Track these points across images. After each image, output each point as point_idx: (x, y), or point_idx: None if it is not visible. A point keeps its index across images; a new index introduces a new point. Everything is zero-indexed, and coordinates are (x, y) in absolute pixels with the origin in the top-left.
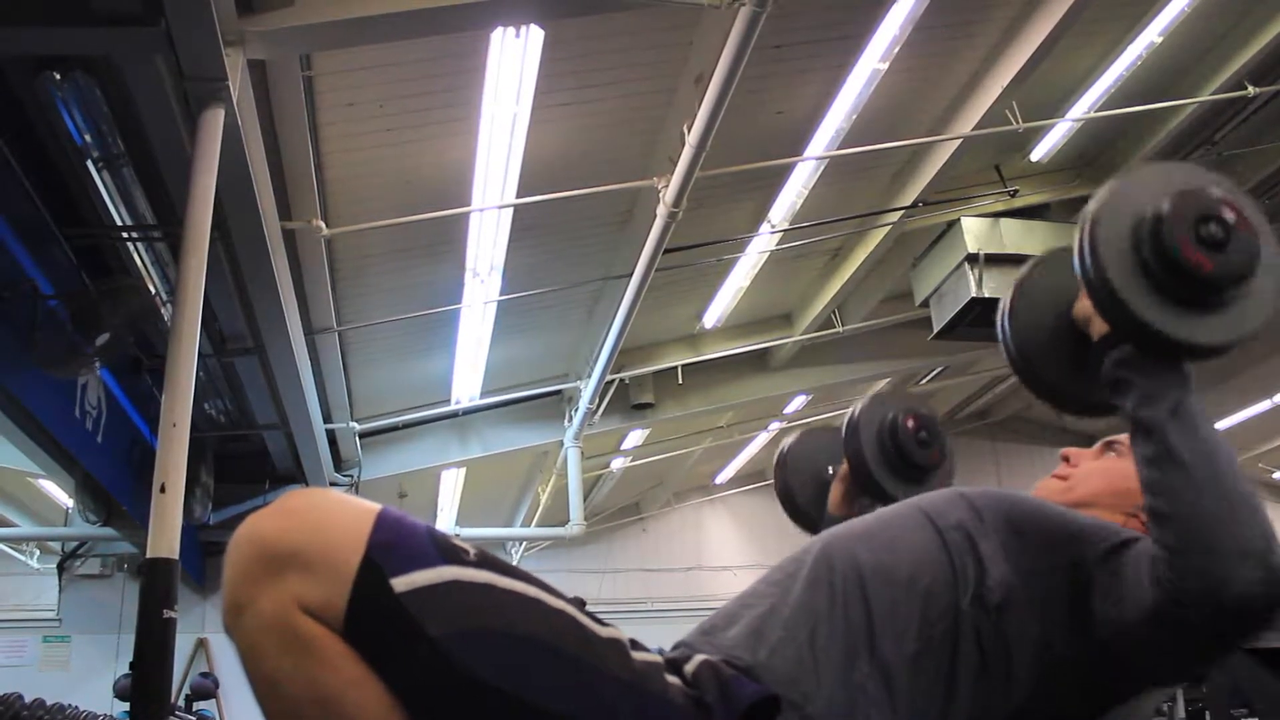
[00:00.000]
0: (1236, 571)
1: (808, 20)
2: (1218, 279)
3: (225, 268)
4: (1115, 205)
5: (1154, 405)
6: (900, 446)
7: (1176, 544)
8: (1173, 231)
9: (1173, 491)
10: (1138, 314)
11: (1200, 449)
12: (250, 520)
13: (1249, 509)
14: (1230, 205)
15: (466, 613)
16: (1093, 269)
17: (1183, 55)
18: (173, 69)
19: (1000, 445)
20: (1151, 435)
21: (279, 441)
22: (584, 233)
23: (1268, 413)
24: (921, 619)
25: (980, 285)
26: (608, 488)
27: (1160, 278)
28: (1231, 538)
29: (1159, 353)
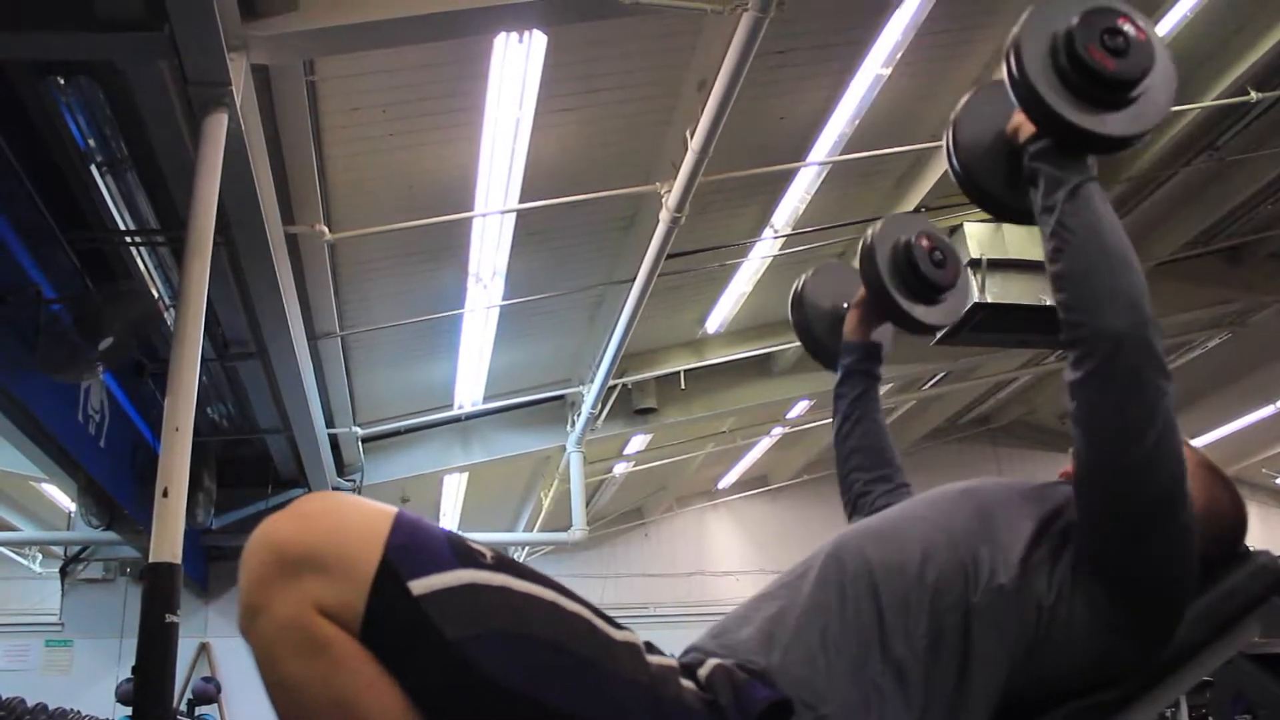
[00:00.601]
0: (1113, 312)
1: (810, 25)
2: (1119, 77)
3: (228, 272)
4: (1036, 22)
5: (1057, 189)
6: (915, 266)
7: (1067, 299)
8: (1083, 38)
9: (1065, 256)
10: (1050, 105)
11: (1089, 220)
12: (266, 524)
13: (1126, 266)
14: (1131, 21)
15: (484, 616)
16: (1017, 74)
17: (1186, 60)
18: (176, 74)
19: (1002, 450)
20: (1052, 212)
21: (282, 446)
22: (587, 238)
23: (1270, 418)
24: (932, 614)
25: (983, 290)
26: (610, 493)
27: (1071, 78)
28: (1109, 287)
29: (1070, 143)
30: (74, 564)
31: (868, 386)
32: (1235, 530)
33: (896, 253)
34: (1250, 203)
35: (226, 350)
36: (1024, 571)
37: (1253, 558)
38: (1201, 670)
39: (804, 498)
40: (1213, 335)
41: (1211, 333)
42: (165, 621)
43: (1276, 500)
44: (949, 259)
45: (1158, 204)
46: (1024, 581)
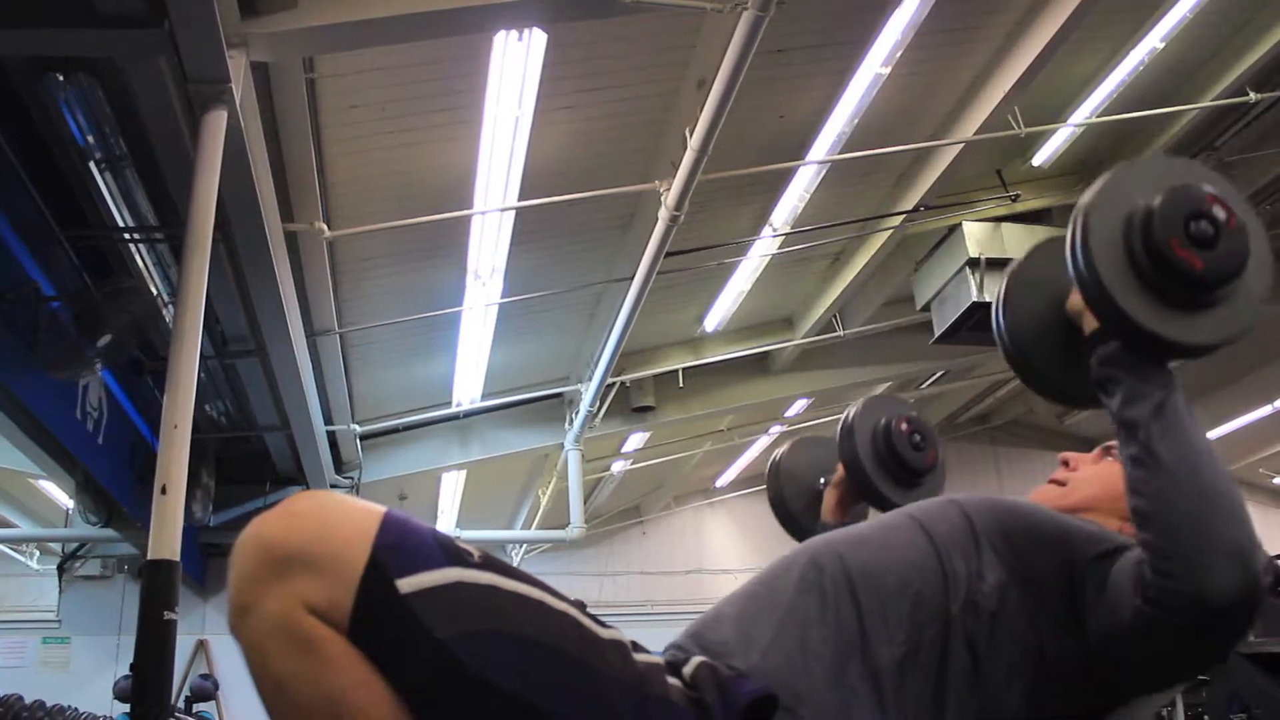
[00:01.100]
0: (1215, 572)
1: (810, 25)
2: (1207, 277)
3: (227, 269)
4: (1108, 199)
5: (1138, 404)
6: (894, 450)
7: (1157, 543)
8: (1164, 228)
9: (1154, 491)
10: (1125, 310)
11: (1182, 449)
12: (256, 523)
13: (1230, 510)
14: (1221, 203)
15: (471, 614)
16: (1083, 263)
17: (1185, 61)
18: (176, 71)
19: (1001, 449)
20: (1135, 434)
21: (280, 443)
22: (586, 236)
23: (1269, 417)
24: (911, 623)
25: (981, 290)
26: (608, 490)
27: (1149, 274)
28: (1211, 538)
29: (1146, 351)
30: (71, 561)
31: None
32: None
33: (876, 435)
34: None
35: (225, 347)
36: (1003, 595)
37: None
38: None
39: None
40: None
41: None
42: (164, 619)
43: (1274, 500)
44: (928, 442)
45: None
46: (1002, 605)
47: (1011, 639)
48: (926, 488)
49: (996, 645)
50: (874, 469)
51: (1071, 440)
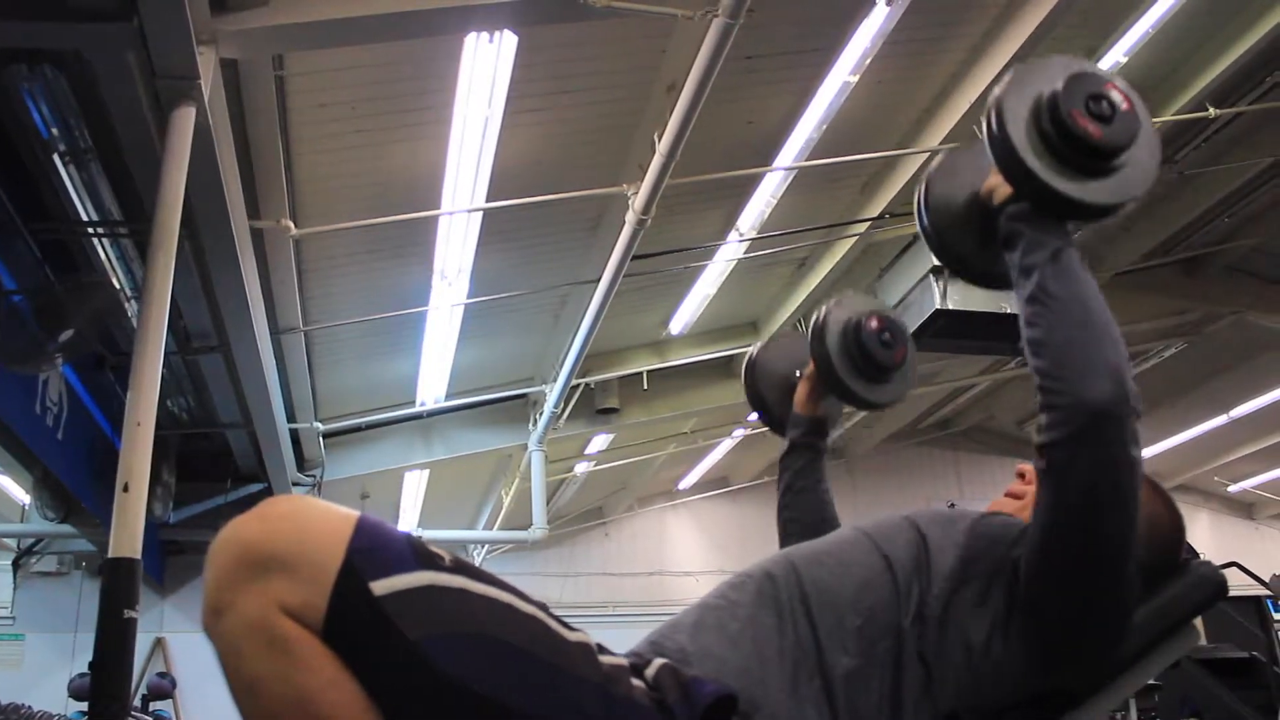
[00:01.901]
0: (1095, 382)
1: (780, 32)
2: (1104, 145)
3: (192, 265)
4: (1019, 84)
5: (1036, 251)
6: (864, 346)
7: (1048, 366)
8: (1068, 103)
9: (1045, 322)
10: (1034, 171)
11: (1071, 287)
12: (231, 525)
13: (1109, 337)
14: (1117, 88)
15: (443, 616)
16: (998, 134)
17: (1147, 75)
18: (144, 66)
19: (962, 455)
20: (1030, 275)
21: (242, 441)
22: (553, 238)
23: (1224, 427)
24: (863, 638)
25: (945, 297)
26: (571, 492)
27: (1055, 143)
28: (1092, 357)
29: (1050, 208)
30: (27, 557)
31: (812, 459)
32: (1174, 542)
33: (846, 331)
34: (1208, 215)
35: (188, 344)
36: (950, 604)
37: (1192, 568)
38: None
39: (764, 499)
40: (1169, 345)
41: (1168, 342)
42: (124, 617)
43: (1228, 508)
44: (897, 340)
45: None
46: (950, 613)
47: (961, 642)
48: (895, 384)
49: (946, 652)
50: (842, 364)
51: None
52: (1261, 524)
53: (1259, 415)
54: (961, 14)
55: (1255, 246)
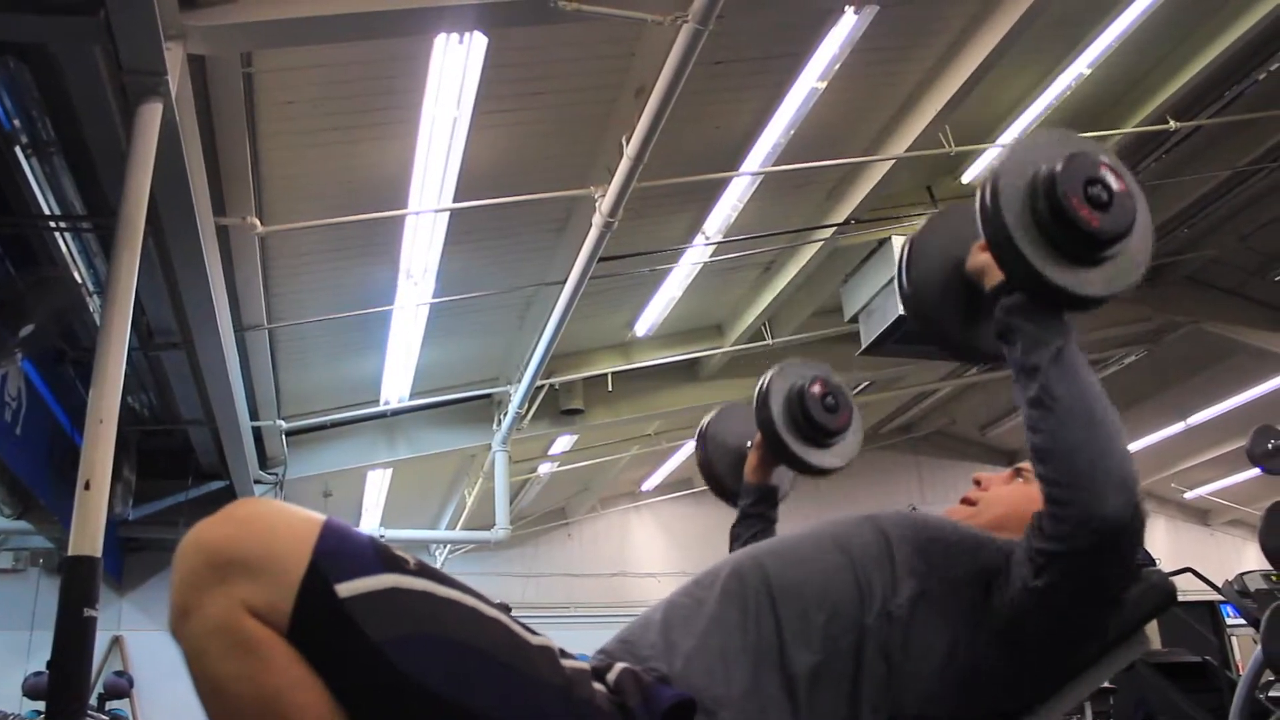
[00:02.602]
0: (1106, 496)
1: (749, 38)
2: (1102, 234)
3: (156, 261)
4: (1014, 163)
5: (1039, 350)
6: (808, 412)
7: (1055, 475)
8: (1065, 189)
9: (1052, 428)
10: (1030, 261)
11: (1077, 390)
12: (197, 527)
13: (1119, 446)
14: (1113, 171)
15: (407, 619)
16: (993, 219)
17: (1109, 88)
18: (110, 60)
19: (923, 459)
20: (1034, 377)
21: (204, 437)
22: (519, 239)
23: (1180, 434)
24: (826, 634)
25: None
26: (534, 492)
27: (1051, 230)
28: (1102, 468)
29: (1046, 301)
30: None
31: (763, 528)
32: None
33: (790, 399)
34: (1168, 226)
35: (151, 340)
36: (917, 606)
37: (1144, 576)
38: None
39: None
40: (1129, 352)
41: (1128, 350)
42: (84, 616)
43: (1185, 514)
44: (841, 404)
45: None
46: (917, 615)
47: (925, 646)
48: (840, 448)
49: (910, 653)
50: (788, 432)
51: (992, 451)
52: (1216, 530)
53: (1215, 423)
54: (928, 24)
55: (1213, 258)
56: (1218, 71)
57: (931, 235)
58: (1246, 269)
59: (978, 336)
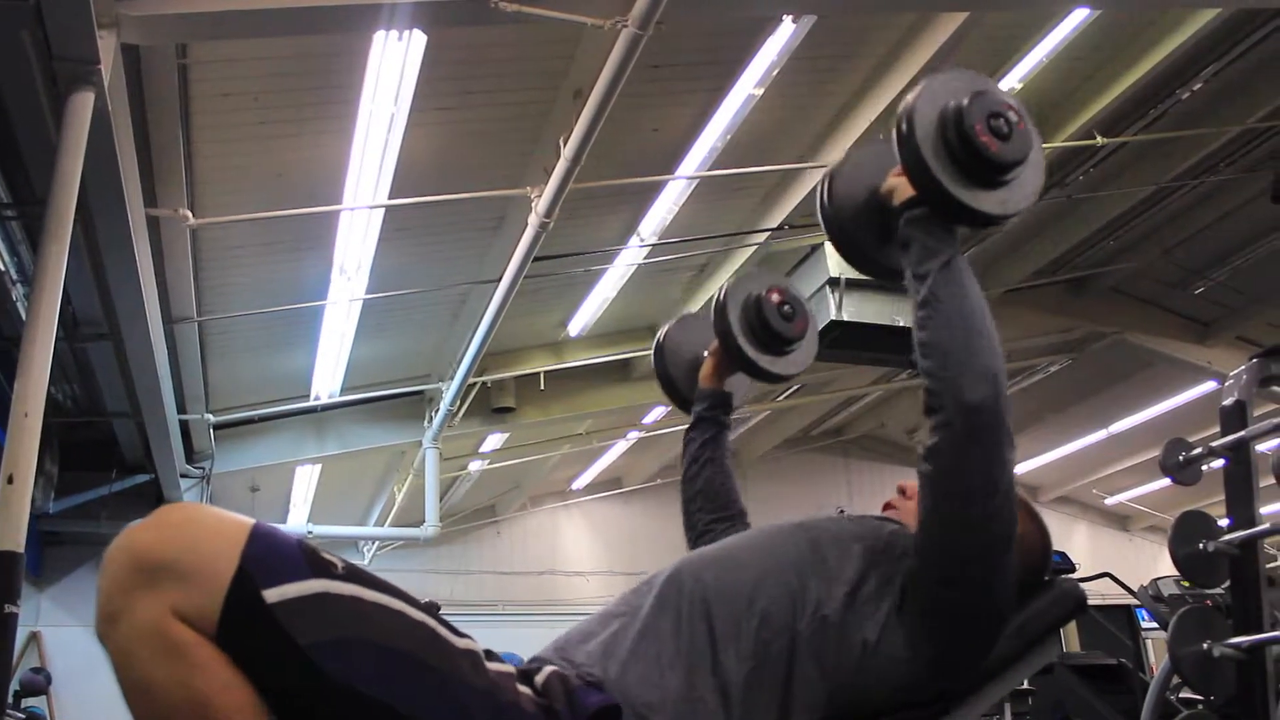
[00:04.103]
0: (974, 383)
1: (687, 44)
2: (1001, 159)
3: (83, 251)
4: (928, 97)
5: (930, 259)
6: (765, 319)
7: (933, 366)
8: (971, 117)
9: (935, 327)
10: (936, 175)
11: (959, 294)
12: (126, 532)
13: (990, 344)
14: (1014, 108)
15: (333, 623)
16: (907, 141)
17: (1039, 103)
18: (40, 47)
19: (853, 462)
20: (923, 282)
21: (129, 430)
22: (454, 236)
23: (1102, 442)
24: (758, 640)
25: (840, 309)
26: (464, 489)
27: (957, 152)
28: (973, 361)
29: (945, 213)
30: None
31: (717, 432)
32: (1042, 558)
33: (747, 305)
34: (1094, 238)
35: (77, 330)
36: (848, 606)
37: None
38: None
39: (657, 501)
40: (1054, 361)
41: (1053, 359)
42: (4, 612)
43: (1105, 519)
44: (798, 313)
45: (1009, 234)
46: (848, 615)
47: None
48: (796, 356)
49: (842, 655)
50: (745, 339)
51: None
52: (1135, 535)
53: (1135, 431)
54: (864, 35)
55: (1137, 270)
56: (1143, 90)
57: (849, 165)
58: (1168, 282)
59: (886, 254)
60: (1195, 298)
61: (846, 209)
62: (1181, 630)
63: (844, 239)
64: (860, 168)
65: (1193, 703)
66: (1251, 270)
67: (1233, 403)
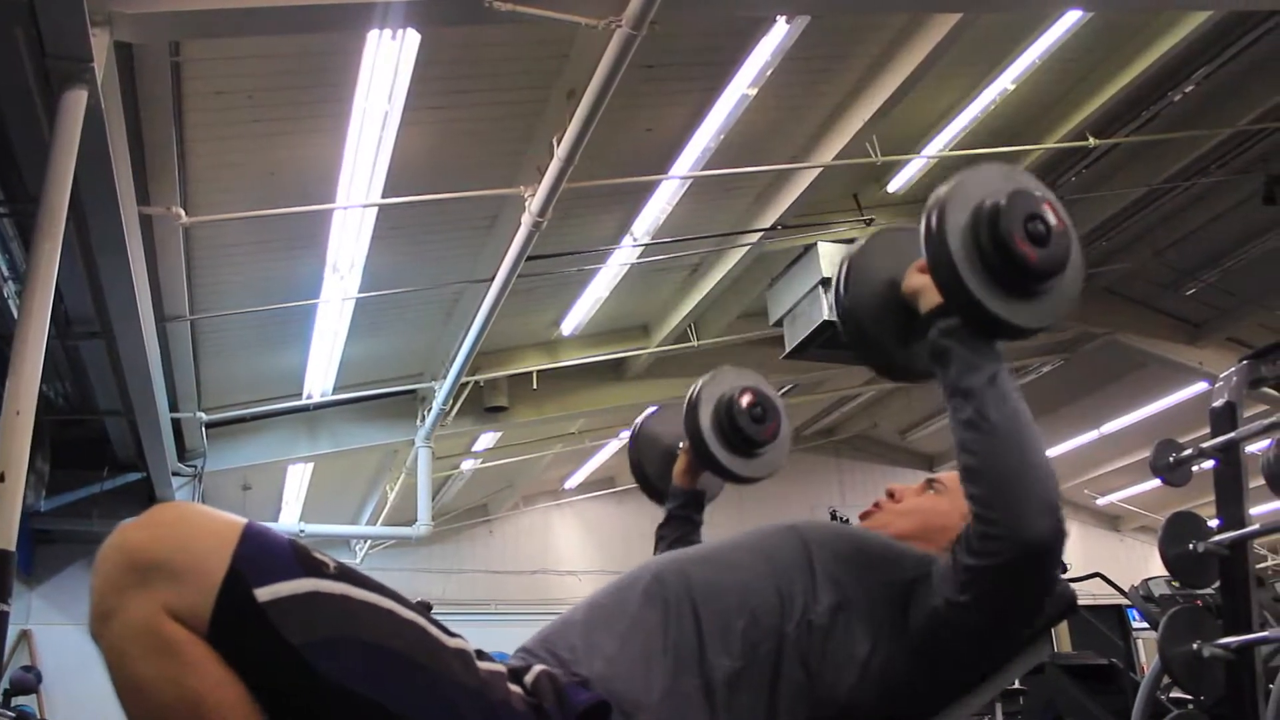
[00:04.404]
0: (1034, 518)
1: (682, 44)
2: (1039, 269)
3: (76, 249)
4: (961, 194)
5: (974, 374)
6: (735, 422)
7: (985, 495)
8: (1008, 223)
9: (985, 450)
10: (970, 289)
11: (1010, 414)
12: (119, 531)
13: (1046, 470)
14: (1052, 208)
15: (324, 622)
16: (937, 245)
17: (1032, 104)
18: (33, 44)
19: (845, 462)
20: (969, 400)
21: (120, 429)
22: (448, 235)
23: (1094, 442)
24: (745, 640)
25: (833, 309)
26: (456, 488)
27: (992, 261)
28: (1031, 491)
29: (982, 328)
30: None
31: (689, 530)
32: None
33: (719, 406)
34: (1086, 239)
35: (69, 328)
36: (836, 615)
37: None
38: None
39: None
40: (1046, 361)
41: (1045, 359)
42: None
43: (1097, 520)
44: (769, 415)
45: None
46: (834, 623)
47: (844, 655)
48: (767, 459)
49: (828, 662)
50: (715, 440)
51: (912, 455)
52: (1126, 536)
53: (1127, 432)
54: (858, 36)
55: (1130, 271)
56: (1135, 92)
57: (869, 255)
58: (1160, 283)
59: (909, 355)
60: (1187, 299)
61: (865, 306)
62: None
63: (862, 341)
64: (881, 257)
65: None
66: (1243, 272)
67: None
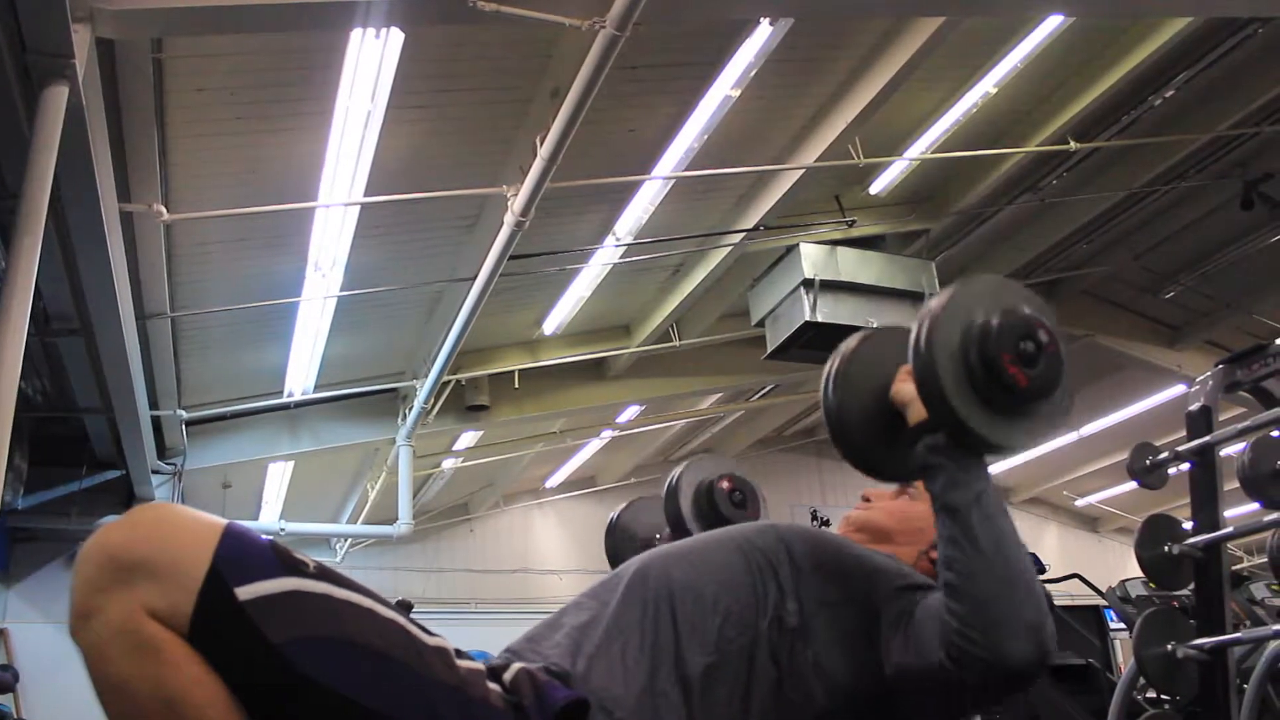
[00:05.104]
0: (1014, 644)
1: (665, 45)
2: (1028, 392)
3: (56, 245)
4: (951, 310)
5: (959, 491)
6: (716, 507)
7: (966, 615)
8: (998, 344)
9: (968, 570)
10: (959, 412)
11: (995, 535)
12: (100, 532)
13: (1030, 591)
14: (1044, 328)
15: (304, 621)
16: (925, 363)
17: (1014, 108)
18: (14, 40)
19: (825, 462)
20: (955, 517)
21: (100, 426)
22: (430, 234)
23: (1073, 445)
24: (720, 636)
25: (814, 310)
26: (437, 487)
27: (980, 382)
28: (1013, 615)
29: (969, 447)
30: None
31: None
32: None
33: (699, 494)
34: (1066, 242)
35: (48, 325)
36: (810, 621)
37: None
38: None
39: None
40: None
41: None
42: None
43: (1075, 521)
44: (749, 499)
45: (983, 237)
46: (805, 625)
47: (815, 658)
48: None
49: (798, 661)
50: (696, 527)
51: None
52: (1104, 537)
53: (1105, 434)
54: (841, 39)
55: (1109, 273)
56: (1115, 96)
57: (859, 358)
58: (1140, 286)
59: (896, 459)
60: (1166, 302)
61: (852, 410)
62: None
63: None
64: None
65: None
66: (1221, 275)
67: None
